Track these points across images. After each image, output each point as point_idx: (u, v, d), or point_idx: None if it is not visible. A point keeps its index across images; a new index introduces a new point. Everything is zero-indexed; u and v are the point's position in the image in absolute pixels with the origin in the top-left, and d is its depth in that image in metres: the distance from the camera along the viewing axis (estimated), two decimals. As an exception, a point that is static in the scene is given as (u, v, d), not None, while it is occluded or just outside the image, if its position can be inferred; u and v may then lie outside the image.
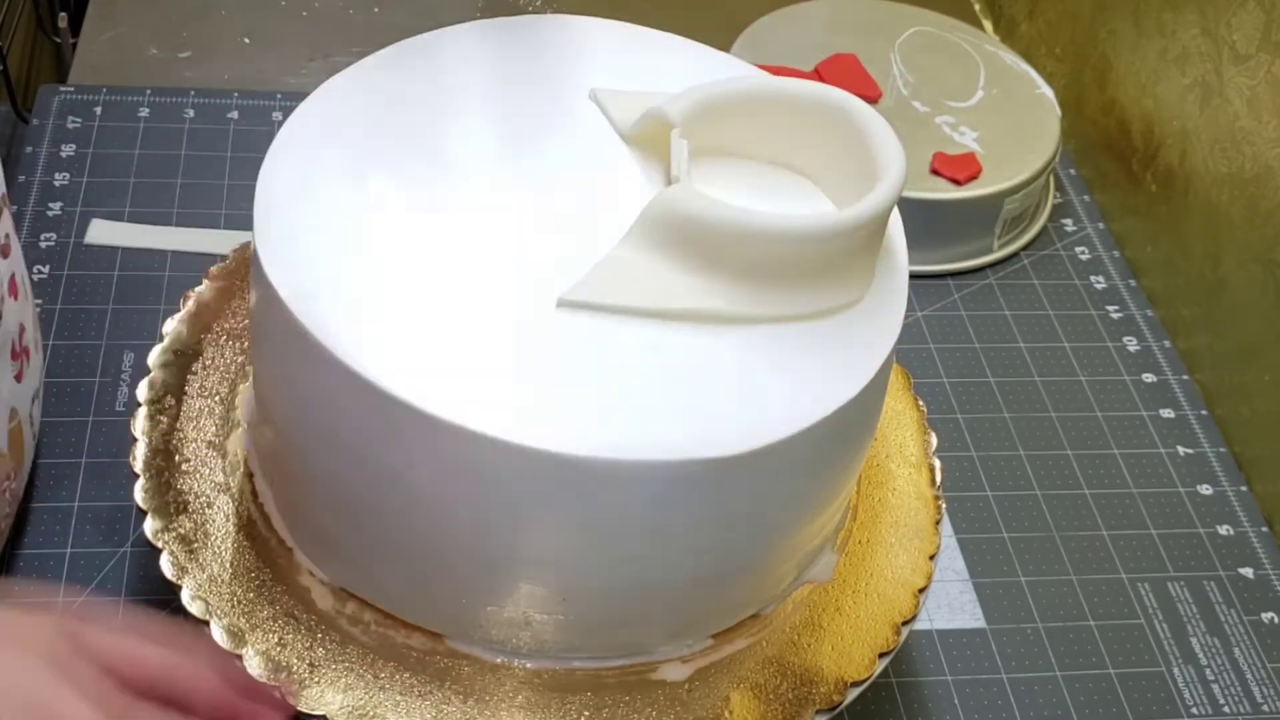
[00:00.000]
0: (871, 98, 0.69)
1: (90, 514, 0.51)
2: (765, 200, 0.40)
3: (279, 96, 0.71)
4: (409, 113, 0.43)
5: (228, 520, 0.44)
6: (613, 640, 0.42)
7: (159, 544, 0.43)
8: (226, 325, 0.50)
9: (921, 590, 0.46)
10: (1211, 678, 0.53)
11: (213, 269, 0.51)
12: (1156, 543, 0.57)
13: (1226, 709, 0.52)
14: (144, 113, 0.68)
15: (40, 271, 0.60)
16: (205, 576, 0.42)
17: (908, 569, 0.46)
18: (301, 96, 0.43)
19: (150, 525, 0.43)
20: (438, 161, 0.41)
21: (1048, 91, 0.72)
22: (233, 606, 0.42)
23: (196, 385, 0.48)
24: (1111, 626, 0.54)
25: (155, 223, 0.63)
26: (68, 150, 0.66)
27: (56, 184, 0.64)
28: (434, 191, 0.40)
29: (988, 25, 0.85)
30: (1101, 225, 0.72)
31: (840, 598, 0.46)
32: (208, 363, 0.48)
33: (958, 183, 0.66)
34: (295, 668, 0.41)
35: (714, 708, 0.42)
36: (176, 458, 0.45)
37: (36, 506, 0.51)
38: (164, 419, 0.46)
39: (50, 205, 0.63)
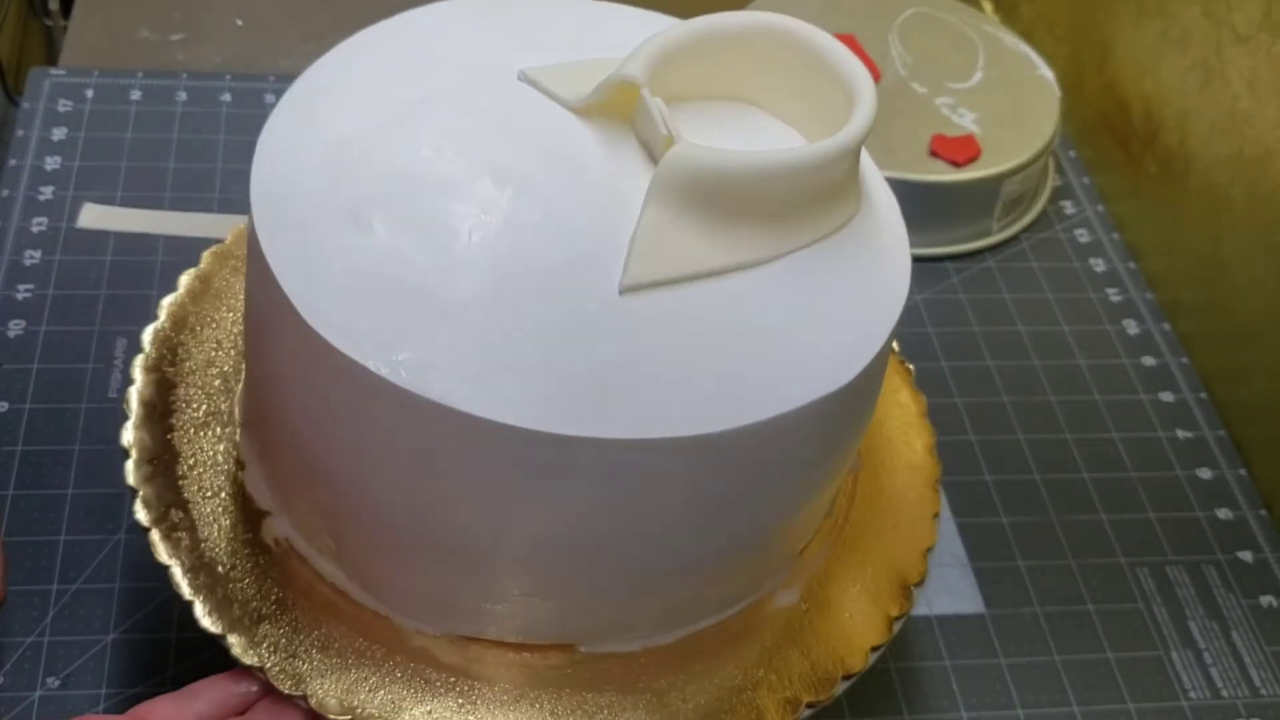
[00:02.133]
0: (869, 79, 0.68)
1: (83, 501, 0.51)
2: (744, 139, 0.40)
3: (271, 79, 0.70)
4: (400, 89, 0.42)
5: (221, 506, 0.44)
6: (606, 626, 0.42)
7: (153, 530, 0.42)
8: (220, 310, 0.49)
9: (919, 576, 0.45)
10: (1210, 661, 0.53)
11: (206, 252, 0.50)
12: (1155, 527, 0.57)
13: (1225, 693, 0.52)
14: (136, 96, 0.68)
15: (32, 257, 0.59)
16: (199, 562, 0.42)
17: (905, 554, 0.46)
18: (294, 78, 0.43)
19: (143, 512, 0.43)
20: (430, 138, 0.41)
21: (1047, 73, 0.71)
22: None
23: (189, 370, 0.47)
24: (1110, 611, 0.54)
25: (148, 207, 0.62)
26: (59, 134, 0.65)
27: (48, 168, 0.63)
28: (427, 169, 0.40)
29: (987, 6, 0.85)
30: (1101, 208, 0.72)
31: (835, 586, 0.45)
32: (201, 348, 0.48)
33: (957, 164, 0.65)
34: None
35: (711, 694, 0.42)
36: (170, 443, 0.45)
37: (29, 494, 0.51)
38: (157, 405, 0.46)
39: (41, 189, 0.62)
